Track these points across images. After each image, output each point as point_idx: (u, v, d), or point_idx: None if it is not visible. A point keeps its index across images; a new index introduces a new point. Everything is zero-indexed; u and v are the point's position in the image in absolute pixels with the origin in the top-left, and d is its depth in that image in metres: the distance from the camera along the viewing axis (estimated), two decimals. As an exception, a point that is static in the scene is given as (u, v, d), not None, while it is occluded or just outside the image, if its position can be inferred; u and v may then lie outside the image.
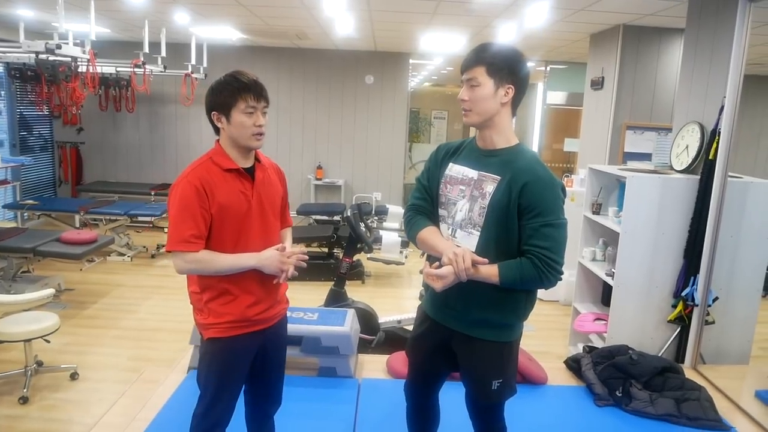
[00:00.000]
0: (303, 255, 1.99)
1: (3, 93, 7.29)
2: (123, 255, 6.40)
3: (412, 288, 5.91)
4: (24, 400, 3.30)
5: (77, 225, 6.84)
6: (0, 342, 3.39)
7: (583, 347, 3.52)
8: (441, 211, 1.96)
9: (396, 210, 6.49)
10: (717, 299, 3.42)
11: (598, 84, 5.63)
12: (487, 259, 1.75)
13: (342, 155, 8.44)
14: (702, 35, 3.55)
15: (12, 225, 6.64)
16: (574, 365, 3.36)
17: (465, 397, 2.05)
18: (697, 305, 3.41)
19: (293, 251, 1.98)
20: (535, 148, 8.76)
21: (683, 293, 3.45)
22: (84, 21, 5.20)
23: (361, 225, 5.23)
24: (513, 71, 1.80)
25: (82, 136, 8.32)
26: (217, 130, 1.93)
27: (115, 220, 6.49)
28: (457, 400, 2.11)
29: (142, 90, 6.63)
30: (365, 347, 3.70)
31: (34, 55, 5.04)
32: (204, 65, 7.31)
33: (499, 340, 1.90)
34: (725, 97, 3.23)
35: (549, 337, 4.58)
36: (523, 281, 1.76)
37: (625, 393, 3.01)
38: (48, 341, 3.55)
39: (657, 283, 3.56)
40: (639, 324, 3.59)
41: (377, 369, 3.33)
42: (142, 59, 6.08)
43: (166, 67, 6.68)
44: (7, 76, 6.52)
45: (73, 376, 3.60)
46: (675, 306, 3.52)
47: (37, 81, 5.95)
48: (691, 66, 3.64)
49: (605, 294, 4.06)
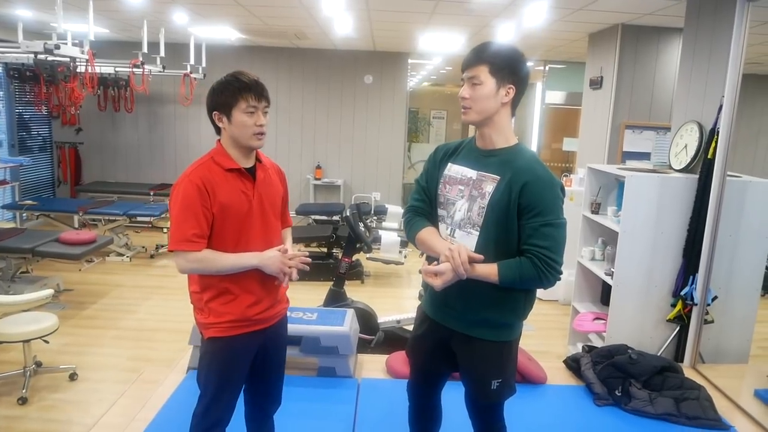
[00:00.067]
0: (306, 258, 2.00)
1: (2, 93, 7.28)
2: (122, 255, 6.40)
3: (411, 288, 5.91)
4: (23, 400, 3.29)
5: (76, 225, 6.83)
6: (-1, 342, 3.39)
7: (583, 347, 3.52)
8: (440, 211, 1.96)
9: (395, 210, 6.49)
10: (716, 298, 3.42)
11: (596, 83, 5.63)
12: (483, 257, 1.76)
13: (341, 155, 8.44)
14: (700, 34, 3.55)
15: (11, 225, 6.66)
16: (573, 365, 3.36)
17: (464, 397, 2.05)
18: (696, 304, 3.41)
19: (295, 254, 1.99)
20: (534, 147, 8.76)
21: (682, 292, 3.45)
22: (83, 21, 5.19)
23: (360, 225, 5.23)
24: (514, 71, 1.80)
25: (80, 136, 8.32)
26: (219, 130, 1.94)
27: (114, 220, 6.49)
28: (457, 399, 2.11)
29: (140, 90, 6.62)
30: (364, 347, 3.70)
31: (32, 56, 5.03)
32: (203, 65, 7.32)
33: (499, 339, 1.91)
34: (724, 97, 3.24)
35: (548, 337, 4.58)
36: (523, 281, 1.76)
37: (625, 392, 3.01)
38: (47, 342, 3.55)
39: (656, 283, 3.56)
40: (638, 323, 3.59)
41: (377, 369, 3.33)
42: (140, 59, 6.08)
43: (164, 67, 6.68)
44: (6, 76, 6.53)
45: (72, 376, 3.60)
46: (674, 305, 3.52)
47: (36, 81, 5.96)
48: (690, 65, 3.64)
49: (604, 293, 4.06)
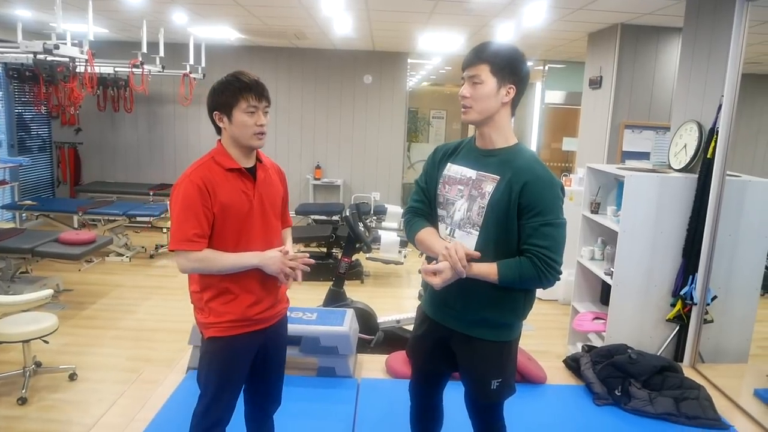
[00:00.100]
0: (308, 260, 2.00)
1: (1, 93, 7.28)
2: (122, 255, 6.40)
3: (411, 288, 5.91)
4: (23, 400, 3.29)
5: (76, 225, 6.82)
6: (-2, 343, 3.39)
7: (582, 346, 3.52)
8: (440, 211, 1.96)
9: (394, 210, 6.49)
10: (716, 298, 3.42)
11: (596, 83, 5.63)
12: (480, 253, 1.76)
13: (340, 155, 8.43)
14: (700, 34, 3.55)
15: (10, 225, 6.66)
16: (573, 364, 3.36)
17: (464, 397, 2.05)
18: (696, 304, 3.41)
19: (296, 255, 1.99)
20: (534, 147, 8.75)
21: (682, 292, 3.45)
22: (82, 21, 5.19)
23: (360, 225, 5.23)
24: (515, 71, 1.80)
25: (80, 136, 8.31)
26: (219, 130, 1.94)
27: (114, 220, 6.49)
28: (457, 399, 2.11)
29: (140, 90, 6.62)
30: (364, 347, 3.70)
31: (32, 56, 5.03)
32: (202, 65, 7.32)
33: (499, 339, 1.91)
34: (723, 96, 3.24)
35: (548, 337, 4.58)
36: (522, 280, 1.76)
37: (624, 392, 3.01)
38: (46, 342, 3.55)
39: (656, 282, 3.56)
40: (638, 323, 3.59)
41: (376, 369, 3.33)
42: (140, 59, 6.08)
43: (164, 67, 6.67)
44: (5, 76, 6.52)
45: (72, 376, 3.60)
46: (674, 305, 3.52)
47: (35, 81, 5.95)
48: (689, 65, 3.64)
49: (604, 293, 4.06)
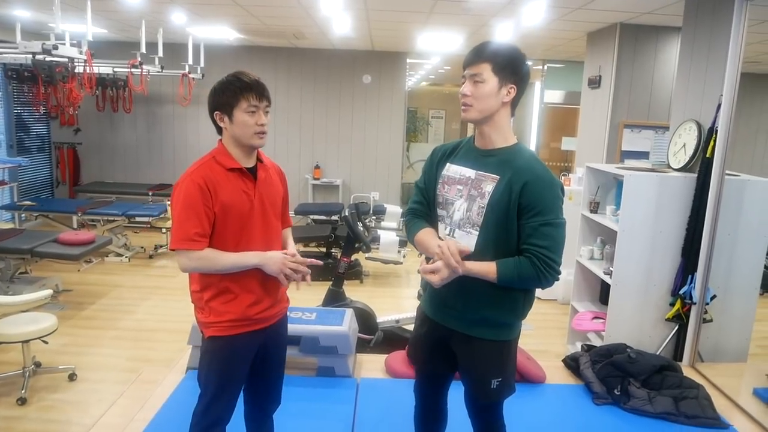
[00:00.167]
0: (316, 261, 2.03)
1: (0, 94, 7.28)
2: (121, 255, 6.40)
3: (410, 287, 5.91)
4: (22, 401, 3.29)
5: (75, 226, 6.82)
6: (-2, 343, 3.39)
7: (582, 346, 3.52)
8: (440, 212, 1.96)
9: (394, 209, 6.49)
10: (715, 297, 3.43)
11: (595, 83, 5.63)
12: (470, 249, 1.77)
13: (340, 155, 8.43)
14: (699, 33, 3.55)
15: (9, 226, 6.64)
16: (572, 364, 3.36)
17: (464, 396, 2.05)
18: (695, 303, 3.41)
19: (304, 260, 2.00)
20: (533, 146, 8.75)
21: (681, 291, 3.46)
22: (81, 21, 5.19)
23: (359, 224, 5.23)
24: (516, 71, 1.81)
25: (79, 136, 8.31)
26: (220, 130, 1.95)
27: (113, 220, 6.49)
28: (457, 399, 2.11)
29: (139, 90, 6.61)
30: (364, 347, 3.70)
31: (30, 56, 5.03)
32: (201, 65, 7.32)
33: (498, 339, 1.91)
34: (722, 95, 3.24)
35: (547, 336, 4.58)
36: (521, 280, 1.76)
37: (624, 391, 3.01)
38: (46, 342, 3.55)
39: (655, 282, 3.56)
40: (637, 322, 3.59)
41: (376, 368, 3.33)
42: (139, 59, 6.07)
43: (163, 68, 6.67)
44: (4, 76, 6.51)
45: (72, 376, 3.60)
46: (673, 304, 3.52)
47: (34, 82, 5.94)
48: (688, 64, 3.64)
49: (603, 292, 4.07)
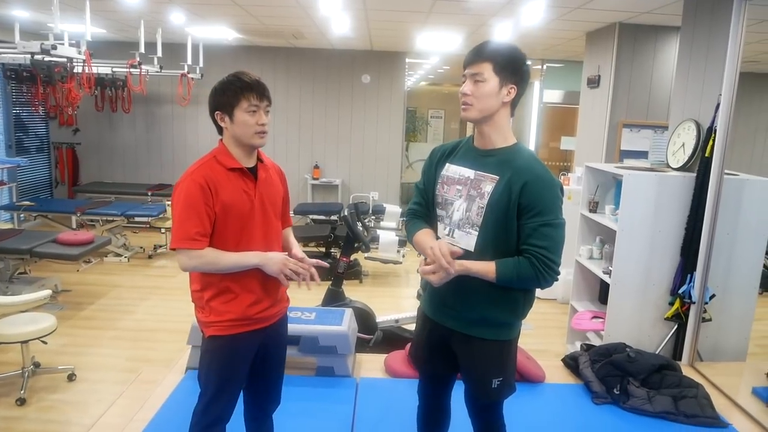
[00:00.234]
0: (322, 262, 2.03)
1: (-2, 94, 7.28)
2: (120, 256, 6.39)
3: (409, 287, 5.91)
4: (21, 401, 3.29)
5: (74, 226, 6.82)
6: (-3, 344, 3.38)
7: (581, 345, 3.52)
8: (439, 212, 1.96)
9: (393, 209, 6.49)
10: (714, 296, 3.43)
11: (594, 82, 5.64)
12: (461, 250, 1.76)
13: (339, 155, 8.43)
14: (698, 33, 3.55)
15: (8, 226, 6.64)
16: (571, 363, 3.36)
17: (464, 396, 2.05)
18: (694, 302, 3.41)
19: (309, 261, 2.00)
20: (532, 146, 8.75)
21: (680, 291, 3.46)
22: (79, 21, 5.18)
23: (359, 224, 5.23)
24: (517, 71, 1.81)
25: (78, 136, 8.30)
26: (221, 129, 1.95)
27: (112, 220, 6.48)
28: (457, 398, 2.11)
29: (138, 90, 6.61)
30: (363, 346, 3.70)
31: (29, 56, 5.02)
32: (200, 65, 7.31)
33: (498, 338, 1.91)
34: (721, 95, 3.24)
35: (547, 336, 4.58)
36: (520, 280, 1.76)
37: (623, 391, 3.01)
38: (45, 342, 3.55)
39: (654, 281, 3.56)
40: (636, 322, 3.59)
41: (375, 368, 3.33)
42: (138, 59, 6.07)
43: (162, 68, 6.66)
44: (3, 77, 6.50)
45: (71, 377, 3.60)
46: (672, 303, 3.53)
47: (33, 82, 5.93)
48: (687, 64, 3.64)
49: (602, 292, 4.07)
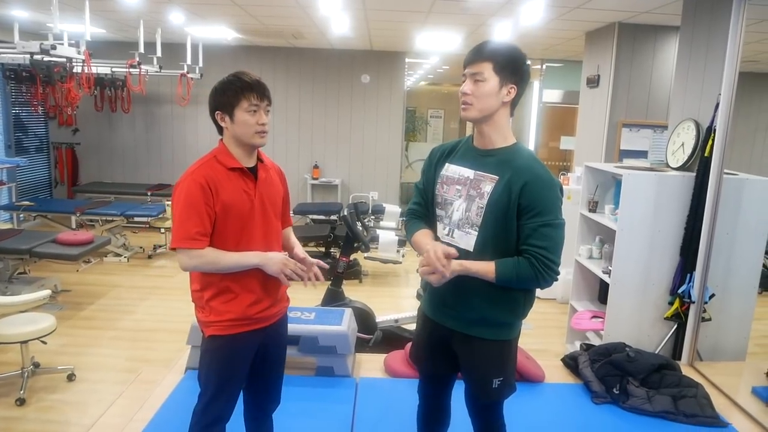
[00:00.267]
0: (323, 264, 2.03)
1: (-2, 94, 7.27)
2: (120, 256, 6.39)
3: (409, 287, 5.91)
4: (21, 401, 3.29)
5: (73, 226, 6.81)
6: (-4, 344, 3.38)
7: (581, 345, 3.53)
8: (438, 212, 1.96)
9: (392, 209, 6.49)
10: (713, 296, 3.43)
11: (593, 82, 5.64)
12: (457, 253, 1.75)
13: (338, 155, 8.43)
14: (697, 33, 3.56)
15: (8, 226, 6.64)
16: (571, 363, 3.37)
17: (464, 396, 2.05)
18: (694, 302, 3.41)
19: (311, 261, 2.00)
20: (532, 146, 8.75)
21: (680, 290, 3.46)
22: (79, 21, 5.18)
23: (358, 224, 5.23)
24: (517, 71, 1.80)
25: (77, 136, 8.30)
26: (221, 129, 1.95)
27: (112, 220, 6.48)
28: (457, 398, 2.12)
29: (137, 90, 6.61)
30: (363, 346, 3.70)
31: (28, 56, 5.02)
32: (200, 65, 7.31)
33: (498, 338, 1.90)
34: (720, 95, 3.24)
35: (546, 335, 4.58)
36: (520, 280, 1.76)
37: (623, 390, 3.01)
38: (45, 342, 3.55)
39: (653, 281, 3.56)
40: (636, 321, 3.59)
41: (375, 368, 3.33)
42: (137, 59, 6.07)
43: (161, 67, 6.66)
44: (2, 77, 6.49)
45: (70, 377, 3.59)
46: (671, 303, 3.53)
47: (32, 82, 5.94)
48: (687, 63, 3.64)
49: (602, 292, 4.07)
